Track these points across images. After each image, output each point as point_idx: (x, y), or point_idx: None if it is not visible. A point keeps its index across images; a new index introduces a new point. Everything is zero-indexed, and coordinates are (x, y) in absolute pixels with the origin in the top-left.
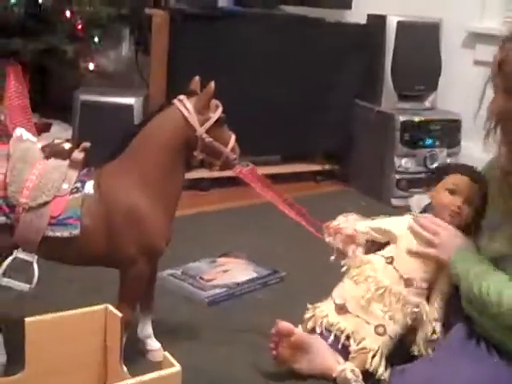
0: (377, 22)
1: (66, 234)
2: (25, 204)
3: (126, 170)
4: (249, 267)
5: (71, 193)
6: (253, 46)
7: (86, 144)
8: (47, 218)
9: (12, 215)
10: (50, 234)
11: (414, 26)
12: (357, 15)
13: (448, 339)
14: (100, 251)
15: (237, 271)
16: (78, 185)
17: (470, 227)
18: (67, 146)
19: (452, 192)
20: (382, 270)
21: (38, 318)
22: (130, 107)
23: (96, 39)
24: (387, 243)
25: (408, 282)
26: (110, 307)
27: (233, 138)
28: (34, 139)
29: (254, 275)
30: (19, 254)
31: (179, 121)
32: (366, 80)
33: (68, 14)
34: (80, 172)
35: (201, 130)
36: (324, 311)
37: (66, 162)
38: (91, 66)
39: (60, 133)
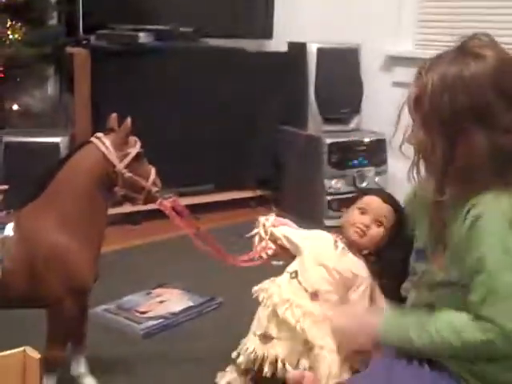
0: (297, 50)
1: None
2: None
3: (46, 210)
4: (184, 296)
5: None
6: (177, 80)
7: (4, 186)
8: None
9: None
10: None
11: (334, 51)
12: (278, 44)
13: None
14: (23, 293)
15: (173, 301)
16: None
17: (384, 251)
18: None
19: (362, 212)
20: (286, 286)
21: None
22: (55, 146)
23: (18, 79)
24: None
25: (313, 296)
26: (29, 350)
27: (153, 171)
28: None
29: (190, 304)
30: None
31: (98, 158)
32: (291, 106)
33: None
34: None
35: (120, 166)
36: (249, 347)
37: None
38: (15, 107)
39: None
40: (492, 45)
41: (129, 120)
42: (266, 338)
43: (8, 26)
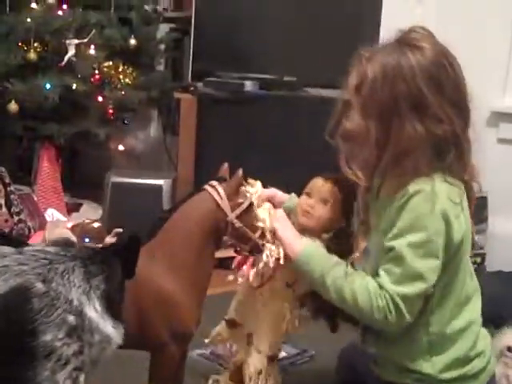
0: None
1: None
2: None
3: (157, 253)
4: None
5: None
6: (280, 128)
7: (119, 230)
8: None
9: None
10: None
11: None
12: None
13: None
14: (130, 334)
15: None
16: None
17: (339, 228)
18: (96, 225)
19: (308, 194)
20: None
21: None
22: (158, 188)
23: (126, 122)
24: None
25: None
26: None
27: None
28: (65, 219)
29: (283, 354)
30: None
31: (211, 206)
32: None
33: (100, 98)
34: None
35: (232, 216)
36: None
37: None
38: (121, 148)
39: (90, 213)
40: (429, 37)
41: (241, 170)
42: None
43: (120, 70)
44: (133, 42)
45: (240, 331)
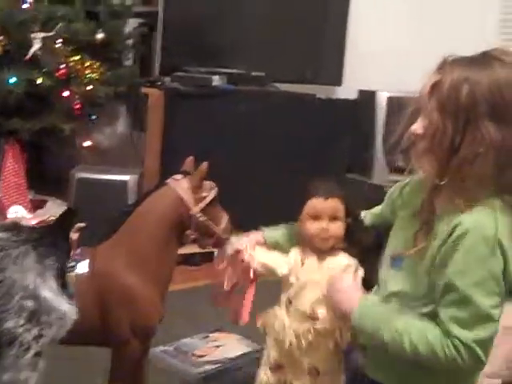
0: (367, 98)
1: None
2: None
3: (119, 249)
4: (242, 342)
5: None
6: (246, 123)
7: (81, 225)
8: None
9: None
10: None
11: (405, 101)
12: (347, 91)
13: None
14: (92, 330)
15: (229, 347)
16: (73, 264)
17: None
18: None
19: (315, 218)
20: (286, 314)
21: None
22: (124, 184)
23: (93, 117)
24: None
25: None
26: None
27: (225, 217)
28: (29, 216)
29: (249, 349)
30: None
31: (174, 199)
32: (357, 154)
33: (66, 93)
34: (74, 251)
35: (196, 210)
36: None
37: None
38: (88, 144)
39: (55, 209)
40: None
41: (205, 164)
42: (278, 367)
43: (87, 65)
44: (100, 36)
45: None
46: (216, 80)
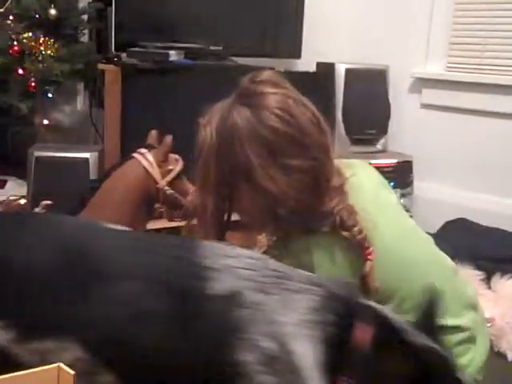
0: (326, 70)
1: None
2: None
3: None
4: None
5: None
6: (205, 97)
7: (47, 202)
8: None
9: None
10: None
11: (362, 72)
12: (306, 64)
13: None
14: None
15: None
16: None
17: None
18: (23, 201)
19: None
20: None
21: None
22: (85, 162)
23: (50, 95)
24: None
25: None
26: (62, 366)
27: (192, 190)
28: None
29: None
30: None
31: (141, 173)
32: None
33: (20, 71)
34: None
35: (162, 183)
36: None
37: None
38: (46, 122)
39: (15, 189)
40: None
41: (169, 137)
42: None
43: (41, 41)
44: (53, 12)
45: None
46: (173, 55)
